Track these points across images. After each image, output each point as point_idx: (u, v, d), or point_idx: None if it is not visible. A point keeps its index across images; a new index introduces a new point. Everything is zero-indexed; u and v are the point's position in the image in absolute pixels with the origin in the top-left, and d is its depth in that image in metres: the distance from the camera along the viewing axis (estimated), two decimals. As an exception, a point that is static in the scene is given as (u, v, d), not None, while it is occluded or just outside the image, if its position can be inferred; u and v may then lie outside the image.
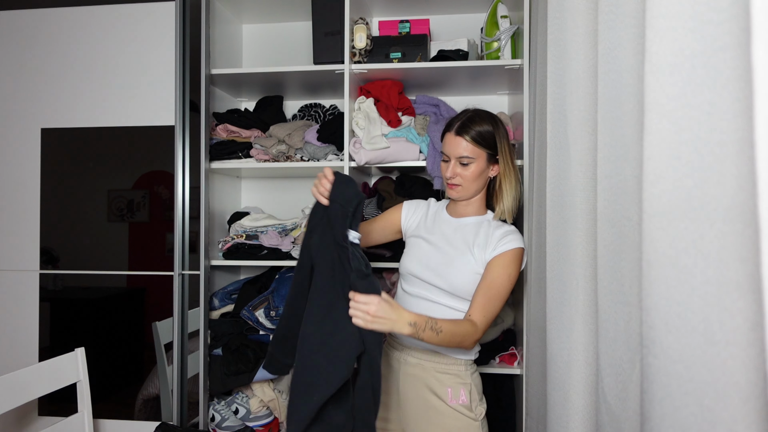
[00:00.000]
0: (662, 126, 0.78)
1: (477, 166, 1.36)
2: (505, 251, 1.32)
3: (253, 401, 2.04)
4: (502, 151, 1.37)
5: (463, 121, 1.38)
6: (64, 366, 1.70)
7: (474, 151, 1.36)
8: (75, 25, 2.14)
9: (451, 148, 1.38)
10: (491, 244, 1.35)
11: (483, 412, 1.37)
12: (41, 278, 2.13)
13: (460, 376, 1.35)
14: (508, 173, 1.37)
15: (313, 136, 1.98)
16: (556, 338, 1.30)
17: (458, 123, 1.38)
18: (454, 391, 1.34)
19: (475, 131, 1.35)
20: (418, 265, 1.40)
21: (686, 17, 0.74)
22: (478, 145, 1.35)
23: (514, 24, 1.94)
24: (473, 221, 1.42)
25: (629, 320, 0.98)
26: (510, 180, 1.38)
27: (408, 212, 1.52)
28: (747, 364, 0.68)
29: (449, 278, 1.34)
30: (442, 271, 1.35)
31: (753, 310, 0.67)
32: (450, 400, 1.33)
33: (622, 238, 1.00)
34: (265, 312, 1.95)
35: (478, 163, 1.36)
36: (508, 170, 1.37)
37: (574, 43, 1.21)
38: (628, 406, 0.99)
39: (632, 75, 0.95)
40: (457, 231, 1.41)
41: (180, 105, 2.02)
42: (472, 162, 1.36)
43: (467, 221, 1.42)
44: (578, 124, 1.21)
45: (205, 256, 1.93)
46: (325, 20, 1.98)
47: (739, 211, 0.68)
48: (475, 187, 1.39)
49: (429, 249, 1.41)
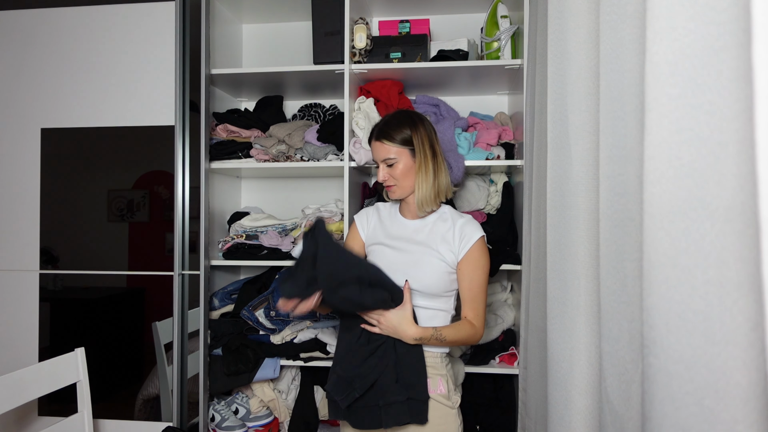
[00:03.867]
0: (663, 126, 0.78)
1: (403, 164, 1.43)
2: (470, 248, 1.39)
3: (253, 401, 2.04)
4: (418, 144, 1.43)
5: (380, 126, 1.46)
6: (64, 366, 1.70)
7: (395, 151, 1.42)
8: (75, 25, 2.14)
9: (376, 154, 1.46)
10: (455, 240, 1.41)
11: (458, 401, 1.44)
12: (41, 278, 2.13)
13: (435, 367, 1.40)
14: (423, 164, 1.42)
15: (313, 136, 1.98)
16: (557, 338, 1.30)
17: (377, 129, 1.47)
18: (432, 382, 1.39)
19: (391, 132, 1.43)
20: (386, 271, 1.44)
21: (687, 17, 0.74)
22: (398, 144, 1.42)
23: (514, 24, 1.94)
24: (430, 220, 1.47)
25: (632, 320, 0.98)
26: (425, 170, 1.42)
27: (362, 225, 1.57)
28: (748, 364, 0.68)
29: (421, 279, 1.38)
30: (410, 272, 1.39)
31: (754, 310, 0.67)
32: (430, 390, 1.38)
33: (624, 238, 1.00)
34: (265, 312, 1.95)
35: (402, 161, 1.42)
36: (424, 161, 1.42)
37: (574, 43, 1.21)
38: (631, 406, 0.99)
39: (634, 75, 0.95)
40: (417, 231, 1.46)
41: (180, 105, 2.02)
42: (396, 162, 1.43)
43: (425, 222, 1.47)
44: (580, 124, 1.21)
45: (205, 256, 1.93)
46: (325, 20, 1.98)
47: (740, 211, 0.68)
48: (408, 183, 1.45)
49: (392, 253, 1.45)
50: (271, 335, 1.95)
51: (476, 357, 1.93)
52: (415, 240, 1.44)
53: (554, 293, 1.33)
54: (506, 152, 1.93)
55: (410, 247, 1.43)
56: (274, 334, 1.95)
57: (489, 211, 2.04)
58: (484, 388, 2.00)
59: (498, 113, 2.13)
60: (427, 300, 1.39)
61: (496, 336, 1.94)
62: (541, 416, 1.52)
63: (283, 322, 1.95)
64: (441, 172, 1.44)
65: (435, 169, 1.43)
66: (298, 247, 1.78)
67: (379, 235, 1.50)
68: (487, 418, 1.96)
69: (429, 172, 1.42)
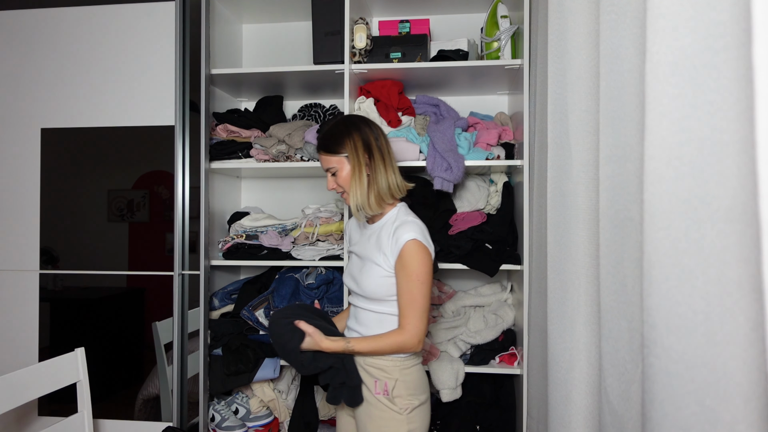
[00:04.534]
0: (663, 126, 0.78)
1: (344, 171, 1.45)
2: (399, 252, 1.38)
3: (253, 401, 2.04)
4: (351, 150, 1.44)
5: (320, 137, 1.49)
6: (64, 366, 1.70)
7: (334, 160, 1.45)
8: (75, 25, 2.13)
9: (322, 164, 1.49)
10: (390, 245, 1.40)
11: (410, 407, 1.42)
12: (41, 278, 2.13)
13: (385, 370, 1.42)
14: (357, 169, 1.43)
15: (313, 136, 1.98)
16: (557, 338, 1.30)
17: (318, 140, 1.49)
18: (379, 383, 1.42)
19: (327, 143, 1.46)
20: (347, 277, 1.55)
21: (687, 17, 0.74)
22: (335, 153, 1.44)
23: (514, 24, 1.94)
24: (380, 224, 1.48)
25: (632, 320, 0.98)
26: (358, 175, 1.43)
27: (347, 232, 1.67)
28: (748, 364, 0.68)
29: (362, 284, 1.44)
30: (357, 277, 1.47)
31: (754, 310, 0.67)
32: (375, 391, 1.42)
33: (624, 238, 1.00)
34: (265, 312, 1.95)
35: (343, 168, 1.45)
36: (357, 166, 1.43)
37: (575, 42, 1.21)
38: (631, 406, 0.99)
39: (634, 75, 0.95)
40: (370, 238, 1.49)
41: (180, 105, 2.02)
42: (337, 170, 1.45)
43: (377, 226, 1.49)
44: (580, 124, 1.21)
45: (205, 256, 1.93)
46: (325, 20, 1.98)
47: (741, 211, 0.68)
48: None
49: (355, 259, 1.54)
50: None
51: (476, 357, 1.93)
52: (366, 245, 1.48)
53: (554, 293, 1.33)
54: (506, 152, 1.93)
55: (362, 252, 1.48)
56: (274, 334, 1.95)
57: (489, 211, 2.04)
58: (484, 388, 2.00)
59: (498, 113, 2.13)
60: (373, 304, 1.44)
61: (496, 336, 1.94)
62: (542, 416, 1.52)
63: (283, 322, 1.95)
64: (380, 173, 1.43)
65: (372, 173, 1.43)
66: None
67: (352, 241, 1.59)
68: (487, 418, 1.96)
69: (362, 177, 1.42)
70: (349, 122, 1.48)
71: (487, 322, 1.98)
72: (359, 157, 1.43)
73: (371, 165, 1.43)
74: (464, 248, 1.89)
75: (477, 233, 1.93)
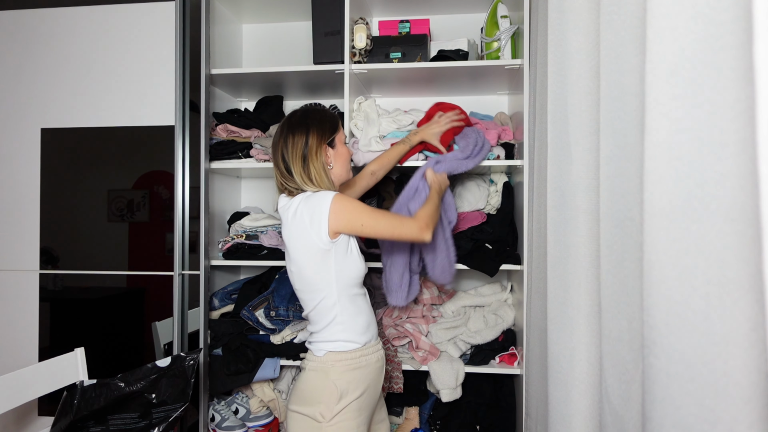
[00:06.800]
0: (663, 126, 0.78)
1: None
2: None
3: (253, 401, 2.04)
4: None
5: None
6: (64, 366, 1.70)
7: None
8: (75, 25, 2.13)
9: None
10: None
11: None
12: (41, 278, 2.13)
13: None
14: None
15: (313, 136, 1.98)
16: (558, 338, 1.30)
17: None
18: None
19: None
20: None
21: (687, 17, 0.74)
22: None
23: (514, 24, 1.94)
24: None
25: (632, 320, 0.98)
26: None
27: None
28: (748, 364, 0.68)
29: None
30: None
31: (754, 310, 0.67)
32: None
33: (625, 238, 1.00)
34: (265, 312, 1.95)
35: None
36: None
37: (575, 42, 1.21)
38: (631, 406, 0.99)
39: (635, 75, 0.95)
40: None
41: (180, 105, 2.02)
42: None
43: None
44: (580, 124, 1.21)
45: (205, 256, 1.93)
46: (325, 20, 1.98)
47: (741, 211, 0.68)
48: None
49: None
50: (271, 335, 1.95)
51: (476, 357, 1.93)
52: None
53: (554, 293, 1.33)
54: (506, 152, 1.93)
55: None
56: (274, 334, 1.95)
57: (489, 211, 2.04)
58: (484, 388, 2.00)
59: (498, 113, 2.13)
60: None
61: (496, 336, 1.94)
62: (542, 416, 1.52)
63: (283, 322, 1.95)
64: (285, 162, 1.46)
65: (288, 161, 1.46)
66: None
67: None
68: (487, 418, 1.96)
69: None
70: (285, 122, 1.50)
71: (487, 322, 1.98)
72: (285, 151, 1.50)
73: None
74: (464, 248, 1.89)
75: (477, 233, 1.93)
